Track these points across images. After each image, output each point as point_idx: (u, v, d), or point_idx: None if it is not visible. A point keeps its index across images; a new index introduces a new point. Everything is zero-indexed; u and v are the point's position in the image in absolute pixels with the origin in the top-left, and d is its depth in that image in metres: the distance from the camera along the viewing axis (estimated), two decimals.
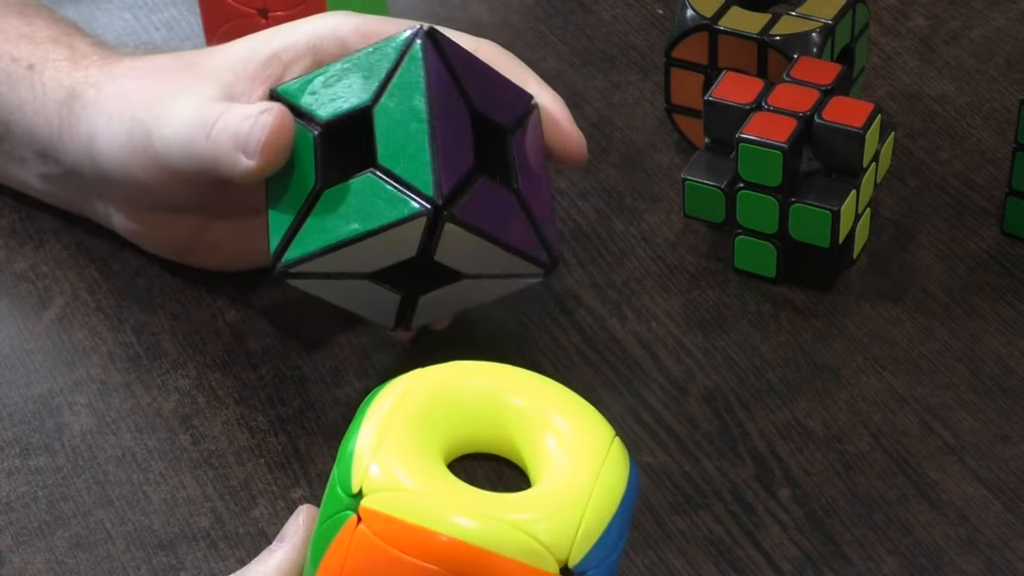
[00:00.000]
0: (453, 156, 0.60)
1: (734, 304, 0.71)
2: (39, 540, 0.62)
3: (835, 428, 0.65)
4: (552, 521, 0.49)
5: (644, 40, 0.85)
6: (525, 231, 0.62)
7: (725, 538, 0.62)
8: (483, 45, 0.66)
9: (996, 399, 0.66)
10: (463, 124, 0.61)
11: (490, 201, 0.61)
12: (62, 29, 0.72)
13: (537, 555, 0.48)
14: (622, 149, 0.78)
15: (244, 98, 0.65)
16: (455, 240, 0.60)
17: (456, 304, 0.66)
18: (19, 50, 0.71)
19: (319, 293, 0.63)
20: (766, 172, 0.68)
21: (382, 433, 0.50)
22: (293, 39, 0.65)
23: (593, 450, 0.51)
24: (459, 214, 0.59)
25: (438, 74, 0.61)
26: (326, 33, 0.65)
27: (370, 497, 0.49)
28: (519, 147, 0.63)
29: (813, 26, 0.73)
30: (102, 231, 0.73)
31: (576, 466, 0.51)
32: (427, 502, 0.49)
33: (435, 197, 0.59)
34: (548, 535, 0.49)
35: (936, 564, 0.61)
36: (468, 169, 0.60)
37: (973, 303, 0.70)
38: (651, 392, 0.67)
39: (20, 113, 0.70)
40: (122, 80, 0.68)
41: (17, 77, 0.70)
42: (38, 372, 0.69)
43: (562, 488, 0.50)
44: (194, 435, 0.66)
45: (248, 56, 0.65)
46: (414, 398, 0.52)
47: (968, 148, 0.78)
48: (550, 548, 0.49)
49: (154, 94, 0.66)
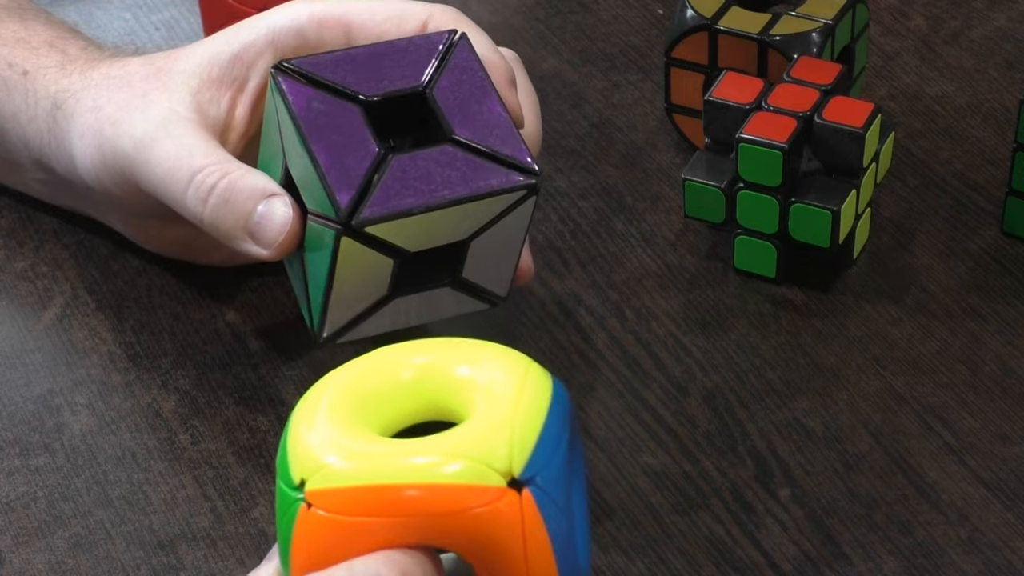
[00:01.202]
0: (344, 163, 0.59)
1: (734, 304, 0.71)
2: (39, 540, 0.62)
3: (835, 428, 0.65)
4: (484, 440, 0.50)
5: (644, 40, 0.85)
6: (476, 171, 0.60)
7: (725, 538, 0.62)
8: (436, 14, 0.65)
9: (996, 399, 0.66)
10: (353, 125, 0.60)
11: (417, 172, 0.59)
12: (58, 33, 0.72)
13: (480, 474, 0.49)
14: (622, 149, 0.78)
15: (214, 105, 0.65)
16: (403, 230, 0.59)
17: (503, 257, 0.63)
18: (15, 55, 0.70)
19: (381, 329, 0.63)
20: (766, 172, 0.68)
21: (306, 424, 0.51)
22: (253, 37, 0.65)
23: (509, 377, 0.52)
24: (372, 214, 0.58)
25: (303, 99, 0.60)
26: (284, 25, 0.65)
27: (311, 480, 0.50)
28: (445, 98, 0.62)
29: (813, 26, 0.73)
30: (102, 231, 0.73)
31: (496, 394, 0.52)
32: (363, 463, 0.50)
33: (337, 216, 0.58)
34: (484, 452, 0.50)
35: (936, 564, 0.61)
36: (372, 159, 0.59)
37: (973, 303, 0.70)
38: (651, 392, 0.67)
39: (15, 121, 0.70)
40: (96, 90, 0.67)
41: (12, 84, 0.70)
42: (38, 372, 0.69)
43: (486, 414, 0.51)
44: (194, 435, 0.66)
45: (212, 59, 0.66)
46: (334, 393, 0.53)
47: (968, 148, 0.78)
48: (489, 463, 0.50)
49: (120, 107, 0.66)
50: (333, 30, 0.65)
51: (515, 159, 0.60)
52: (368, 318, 0.63)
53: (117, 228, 0.72)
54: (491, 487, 0.49)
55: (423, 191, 0.59)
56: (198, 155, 0.63)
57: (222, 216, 0.62)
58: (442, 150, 0.60)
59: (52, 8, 0.77)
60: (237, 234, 0.62)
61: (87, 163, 0.67)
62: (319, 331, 0.62)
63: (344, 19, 0.65)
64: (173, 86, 0.65)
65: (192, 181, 0.63)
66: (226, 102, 0.65)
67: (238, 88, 0.65)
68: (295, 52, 0.65)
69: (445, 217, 0.60)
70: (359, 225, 0.58)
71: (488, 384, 0.52)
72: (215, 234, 0.63)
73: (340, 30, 0.65)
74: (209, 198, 0.62)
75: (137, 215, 0.69)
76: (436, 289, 0.63)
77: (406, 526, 0.50)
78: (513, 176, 0.60)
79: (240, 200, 0.62)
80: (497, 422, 0.51)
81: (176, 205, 0.64)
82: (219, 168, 0.63)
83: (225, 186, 0.62)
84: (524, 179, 0.60)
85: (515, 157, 0.60)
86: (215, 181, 0.62)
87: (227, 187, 0.62)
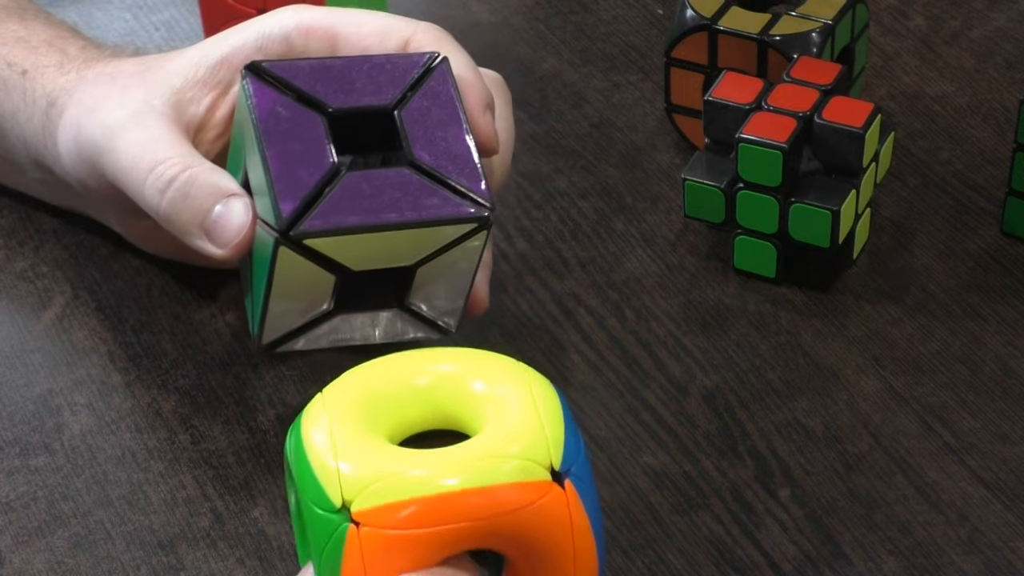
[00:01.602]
0: (295, 173, 0.58)
1: (734, 304, 0.71)
2: (39, 540, 0.62)
3: (835, 428, 0.65)
4: (521, 439, 0.51)
5: (644, 40, 0.85)
6: (430, 198, 0.59)
7: (725, 538, 0.62)
8: (419, 33, 0.65)
9: (996, 399, 0.66)
10: (312, 134, 0.59)
11: (368, 190, 0.59)
12: (57, 32, 0.72)
13: (527, 470, 0.50)
14: (622, 149, 0.78)
15: (193, 105, 0.65)
16: (345, 248, 0.58)
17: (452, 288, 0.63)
18: (14, 55, 0.70)
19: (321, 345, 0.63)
20: (766, 172, 0.68)
21: (331, 446, 0.51)
22: (241, 42, 0.65)
23: (515, 381, 0.53)
24: (312, 227, 0.57)
25: (267, 102, 0.60)
26: (272, 32, 0.65)
27: (356, 501, 0.50)
28: (411, 120, 0.61)
29: (813, 26, 0.73)
30: (102, 231, 0.73)
31: (509, 395, 0.53)
32: (408, 476, 0.50)
33: (277, 225, 0.58)
34: (525, 450, 0.51)
35: (936, 564, 0.61)
36: (324, 173, 0.58)
37: (973, 303, 0.70)
38: (651, 392, 0.67)
39: (14, 120, 0.70)
40: (85, 86, 0.67)
41: (12, 83, 0.70)
42: (38, 372, 0.69)
43: (510, 415, 0.52)
44: (194, 435, 0.66)
45: (199, 61, 0.66)
46: (339, 408, 0.53)
47: (968, 148, 0.78)
48: (534, 459, 0.51)
49: (101, 97, 0.66)
50: (319, 40, 0.65)
51: (471, 190, 0.59)
52: (309, 332, 0.63)
53: (114, 228, 0.72)
54: (540, 482, 0.50)
55: (369, 210, 0.58)
56: (162, 146, 0.63)
57: (179, 210, 0.62)
58: (398, 172, 0.59)
59: (52, 8, 0.77)
60: (192, 230, 0.62)
61: (66, 156, 0.67)
62: (257, 338, 0.62)
63: (331, 30, 0.65)
64: (155, 82, 0.65)
65: (153, 171, 0.62)
66: (207, 102, 0.65)
67: (221, 91, 0.65)
68: (280, 58, 0.65)
69: (388, 240, 0.59)
70: (298, 236, 0.57)
71: (497, 392, 0.53)
72: (170, 228, 0.63)
73: (326, 40, 0.65)
74: (168, 190, 0.62)
75: (128, 214, 0.69)
76: (381, 312, 0.63)
77: (459, 532, 0.50)
78: (464, 208, 0.59)
79: (200, 196, 0.62)
80: (526, 421, 0.52)
81: (135, 195, 0.63)
82: (181, 161, 0.62)
83: (185, 180, 0.62)
84: (475, 211, 0.59)
85: (471, 188, 0.59)
86: (175, 174, 0.62)
87: (187, 181, 0.62)
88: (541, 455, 0.51)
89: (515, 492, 0.50)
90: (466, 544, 0.50)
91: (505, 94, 0.67)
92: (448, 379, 0.54)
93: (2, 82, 0.70)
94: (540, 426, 0.51)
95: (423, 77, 0.62)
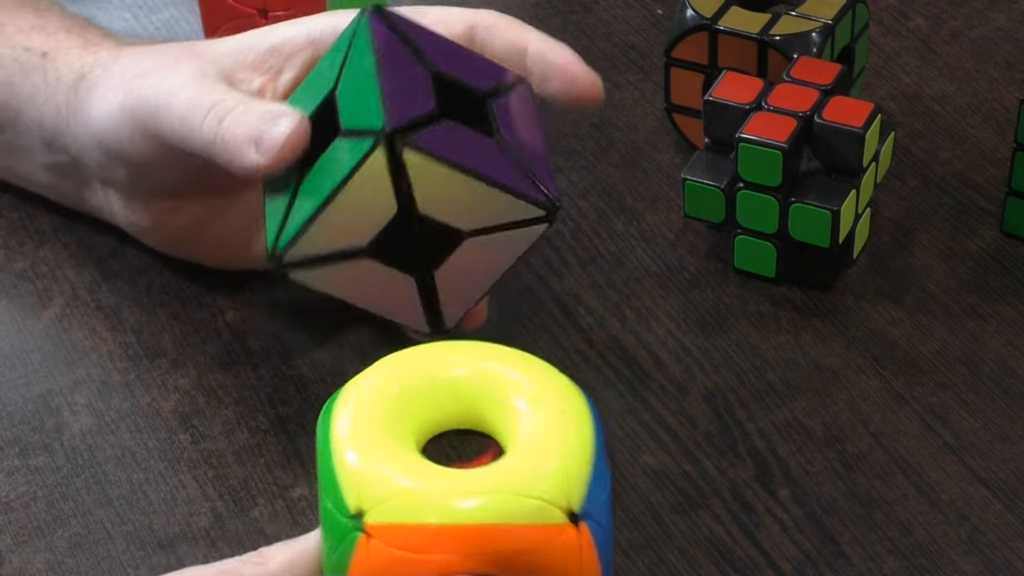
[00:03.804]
0: (406, 97, 0.59)
1: (734, 304, 0.71)
2: (39, 540, 0.62)
3: (835, 428, 0.65)
4: (546, 477, 0.50)
5: (644, 40, 0.85)
6: (512, 170, 0.61)
7: (725, 538, 0.62)
8: (481, 15, 0.66)
9: (996, 399, 0.66)
10: (420, 79, 0.61)
11: (462, 138, 0.60)
12: (74, 21, 0.73)
13: (545, 512, 0.50)
14: (622, 149, 0.78)
15: (244, 85, 0.65)
16: (428, 178, 0.59)
17: (476, 280, 0.63)
18: (32, 40, 0.71)
19: (327, 287, 0.62)
20: (766, 172, 0.68)
21: (355, 445, 0.51)
22: (293, 33, 0.66)
23: (553, 398, 0.53)
24: (419, 141, 0.58)
25: (386, 40, 0.61)
26: (325, 28, 0.66)
27: (371, 512, 0.50)
28: (502, 111, 0.62)
29: (813, 26, 0.73)
30: (102, 230, 0.73)
31: (543, 418, 0.52)
32: (426, 498, 0.49)
33: (384, 127, 0.58)
34: (547, 491, 0.50)
35: (936, 564, 0.61)
36: (428, 111, 0.59)
37: (973, 303, 0.70)
38: (651, 392, 0.67)
39: (31, 102, 0.70)
40: (126, 60, 0.68)
41: (31, 65, 0.70)
42: (38, 372, 0.69)
43: (540, 444, 0.51)
44: (194, 435, 0.66)
45: (248, 46, 0.66)
46: (371, 399, 0.52)
47: (968, 148, 0.78)
48: (553, 502, 0.50)
49: (152, 66, 0.66)
50: None
51: (544, 186, 0.61)
52: (333, 265, 0.62)
53: (119, 220, 0.72)
54: (554, 525, 0.50)
55: (463, 154, 0.59)
56: (219, 90, 0.64)
57: (232, 130, 0.62)
58: (488, 140, 0.61)
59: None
60: (243, 145, 0.62)
61: (105, 118, 0.67)
62: (283, 251, 0.61)
63: None
64: (207, 56, 0.66)
65: (212, 109, 0.63)
66: (257, 84, 0.65)
67: (272, 76, 0.65)
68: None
69: (465, 189, 0.59)
70: (403, 143, 0.58)
71: (531, 403, 0.53)
72: (223, 153, 0.63)
73: None
74: (225, 118, 0.63)
75: (145, 192, 0.69)
76: (400, 274, 0.62)
77: (467, 563, 0.50)
78: (539, 193, 0.61)
79: (253, 116, 0.62)
80: (554, 454, 0.51)
81: (191, 138, 0.63)
82: (237, 97, 0.63)
83: (242, 109, 0.63)
84: (545, 201, 0.60)
85: (545, 185, 0.61)
86: (233, 105, 0.63)
87: (244, 109, 0.63)
88: (562, 497, 0.50)
89: (529, 532, 0.50)
90: (473, 571, 0.50)
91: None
92: (486, 382, 0.53)
93: (19, 65, 0.70)
94: (567, 464, 0.51)
95: (514, 85, 0.63)
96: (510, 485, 0.50)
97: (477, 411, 0.54)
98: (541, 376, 0.54)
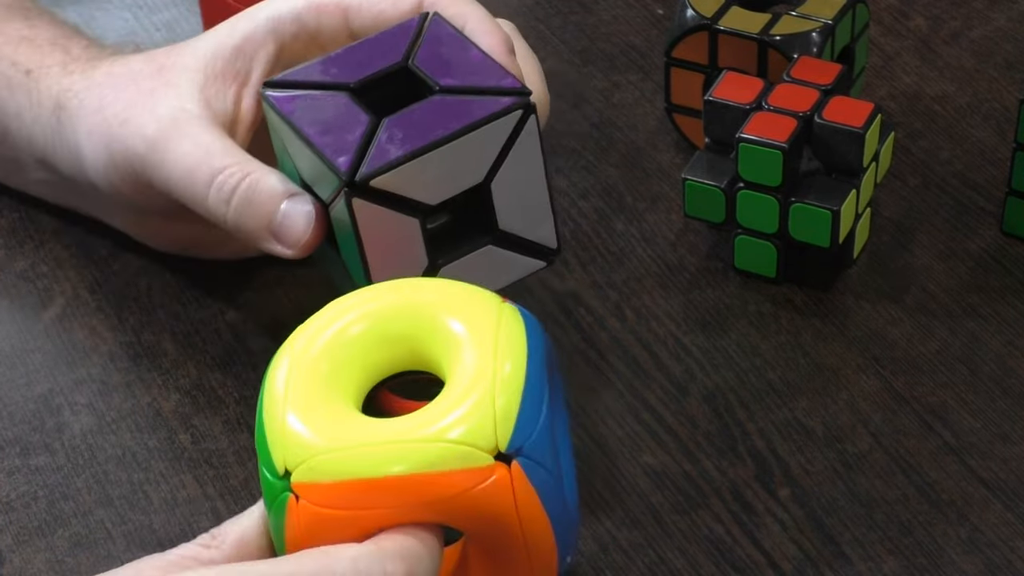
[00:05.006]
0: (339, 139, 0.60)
1: (734, 304, 0.71)
2: (39, 540, 0.62)
3: (835, 428, 0.65)
4: (466, 420, 0.50)
5: (644, 40, 0.85)
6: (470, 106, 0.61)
7: (725, 538, 0.62)
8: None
9: (996, 399, 0.66)
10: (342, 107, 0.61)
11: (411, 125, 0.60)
12: (62, 32, 0.72)
13: (467, 456, 0.49)
14: (622, 149, 0.78)
15: (219, 100, 0.65)
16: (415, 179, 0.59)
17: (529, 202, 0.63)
18: (19, 54, 0.70)
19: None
20: (766, 172, 0.68)
21: (284, 406, 0.51)
22: (252, 27, 0.66)
23: (485, 331, 0.52)
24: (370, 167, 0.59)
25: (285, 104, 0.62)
26: (283, 14, 0.66)
27: (297, 472, 0.50)
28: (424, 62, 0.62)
29: (813, 26, 0.73)
30: (102, 231, 0.73)
31: (473, 355, 0.51)
32: (348, 455, 0.50)
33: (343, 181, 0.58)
34: (468, 434, 0.50)
35: (936, 564, 0.61)
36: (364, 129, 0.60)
37: (973, 303, 0.70)
38: (651, 392, 0.67)
39: (19, 120, 0.70)
40: (99, 90, 0.67)
41: (16, 83, 0.70)
42: (38, 372, 0.69)
43: (468, 383, 0.51)
44: (194, 435, 0.66)
45: (215, 54, 0.66)
46: (301, 358, 0.52)
47: (968, 148, 0.78)
48: (475, 444, 0.50)
49: (128, 105, 0.66)
50: (331, 15, 0.65)
51: (501, 86, 0.61)
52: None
53: (119, 227, 0.72)
54: (481, 468, 0.50)
55: (419, 137, 0.59)
56: (217, 155, 0.63)
57: (245, 217, 0.62)
58: (430, 101, 0.61)
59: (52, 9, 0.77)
60: (262, 234, 0.62)
61: (96, 163, 0.67)
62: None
63: (342, 3, 0.65)
64: (179, 82, 0.65)
65: (214, 182, 0.63)
66: (231, 95, 0.65)
67: (242, 81, 0.65)
68: (295, 39, 0.65)
69: (448, 157, 0.60)
70: (363, 181, 0.58)
71: (464, 339, 0.52)
72: (239, 235, 0.63)
73: (338, 14, 0.65)
74: (232, 199, 0.63)
75: (143, 213, 0.69)
76: (479, 250, 0.63)
77: (399, 514, 0.50)
78: (503, 101, 0.60)
79: (262, 201, 0.62)
80: (477, 394, 0.50)
81: (197, 206, 0.64)
82: (240, 168, 0.63)
83: (247, 187, 0.62)
84: (514, 100, 0.60)
85: (501, 84, 0.61)
86: (236, 182, 0.63)
87: (248, 187, 0.62)
88: (486, 438, 0.50)
89: (456, 478, 0.49)
90: (409, 522, 0.50)
91: (520, 37, 0.67)
92: (421, 321, 0.53)
93: (7, 81, 0.70)
94: (491, 401, 0.50)
95: (420, 32, 0.63)
96: (431, 431, 0.50)
97: (416, 352, 0.53)
98: (476, 308, 0.53)
